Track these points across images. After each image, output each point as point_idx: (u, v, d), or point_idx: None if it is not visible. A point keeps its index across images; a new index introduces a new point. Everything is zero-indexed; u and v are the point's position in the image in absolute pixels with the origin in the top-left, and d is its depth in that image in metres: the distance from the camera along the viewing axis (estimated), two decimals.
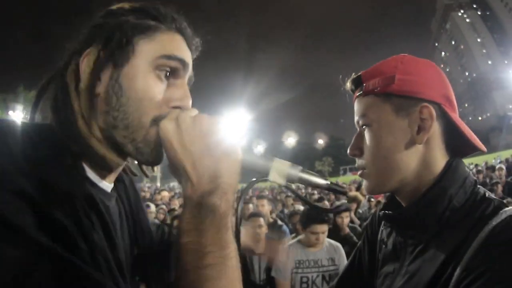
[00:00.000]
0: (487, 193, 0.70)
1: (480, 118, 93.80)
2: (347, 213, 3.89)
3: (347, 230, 3.78)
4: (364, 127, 0.76)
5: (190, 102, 0.64)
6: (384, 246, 0.84)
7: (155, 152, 0.61)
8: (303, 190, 11.32)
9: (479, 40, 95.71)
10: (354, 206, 5.25)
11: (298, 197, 0.67)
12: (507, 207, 0.65)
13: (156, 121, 0.59)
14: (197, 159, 0.54)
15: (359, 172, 0.78)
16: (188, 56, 0.66)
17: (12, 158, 0.47)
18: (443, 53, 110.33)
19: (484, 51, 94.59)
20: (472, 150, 0.75)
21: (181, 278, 0.50)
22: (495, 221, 0.61)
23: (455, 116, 0.73)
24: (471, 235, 0.62)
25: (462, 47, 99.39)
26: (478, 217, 0.64)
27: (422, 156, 0.72)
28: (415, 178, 0.72)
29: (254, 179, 0.63)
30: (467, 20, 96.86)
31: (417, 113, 0.71)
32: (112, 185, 0.67)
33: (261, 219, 3.35)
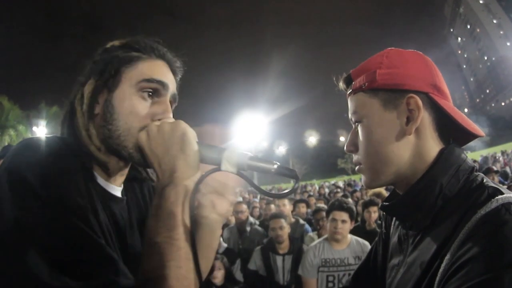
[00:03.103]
0: (485, 180, 0.68)
1: (503, 104, 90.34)
2: (375, 208, 3.82)
3: (374, 225, 3.72)
4: (356, 123, 0.78)
5: (171, 115, 0.78)
6: (392, 239, 0.86)
7: (142, 156, 0.74)
8: (326, 190, 11.36)
9: (495, 21, 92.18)
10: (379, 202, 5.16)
11: (250, 184, 0.71)
12: (502, 194, 0.63)
13: (141, 130, 0.73)
14: (160, 159, 0.68)
15: (356, 168, 0.80)
16: (168, 77, 0.80)
17: (41, 166, 0.62)
18: (459, 39, 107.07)
19: (501, 32, 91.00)
20: (472, 136, 0.74)
21: (142, 251, 0.63)
22: (484, 210, 0.60)
23: (446, 103, 0.72)
24: (461, 223, 0.62)
25: (478, 30, 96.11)
26: (470, 206, 0.63)
27: (414, 147, 0.72)
28: (409, 169, 0.72)
29: (211, 169, 0.70)
30: (481, 1, 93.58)
31: (404, 104, 0.71)
32: (121, 188, 0.83)
33: (282, 220, 3.35)
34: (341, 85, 0.83)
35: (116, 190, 0.81)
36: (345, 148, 0.82)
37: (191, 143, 0.68)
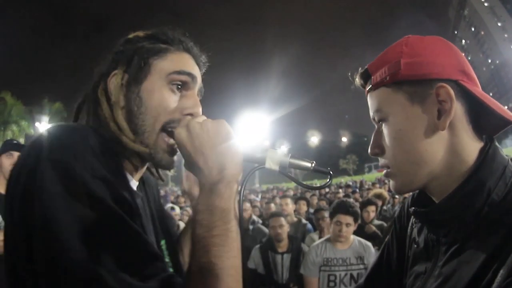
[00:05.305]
0: None
1: (506, 107, 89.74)
2: (373, 208, 3.85)
3: (373, 227, 3.72)
4: (380, 122, 0.71)
5: (200, 109, 0.77)
6: (415, 243, 0.78)
7: (166, 158, 0.75)
8: (327, 189, 11.48)
9: (499, 24, 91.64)
10: (379, 203, 5.18)
11: (290, 178, 0.79)
12: None
13: (167, 125, 0.73)
14: (206, 157, 0.66)
15: (383, 172, 0.73)
16: (196, 70, 0.79)
17: (88, 151, 0.62)
18: (463, 41, 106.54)
19: (506, 35, 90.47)
20: (504, 124, 0.67)
21: (195, 245, 0.63)
22: None
23: (478, 90, 0.65)
24: None
25: (482, 33, 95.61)
26: None
27: (448, 144, 0.65)
28: (444, 169, 0.65)
29: (255, 166, 0.74)
30: (485, 4, 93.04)
31: (433, 96, 0.64)
32: (137, 183, 0.82)
33: (282, 219, 3.35)
34: (358, 81, 0.76)
35: (135, 184, 0.81)
36: (369, 150, 0.75)
37: (237, 143, 0.69)
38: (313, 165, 0.73)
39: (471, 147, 0.65)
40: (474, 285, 0.56)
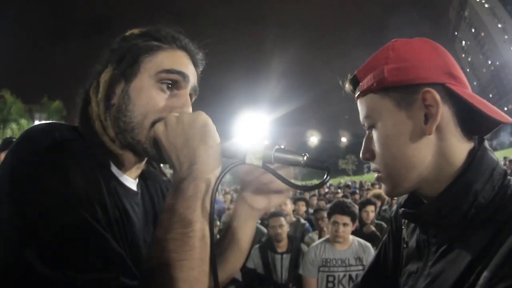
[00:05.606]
0: None
1: (505, 109, 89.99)
2: (372, 208, 3.85)
3: (372, 228, 3.72)
4: (370, 128, 0.72)
5: (190, 109, 0.75)
6: (407, 243, 0.79)
7: (157, 151, 0.71)
8: (326, 189, 11.41)
9: (500, 25, 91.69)
10: (379, 203, 5.18)
11: (277, 177, 0.67)
12: None
13: (154, 123, 0.70)
14: (179, 151, 0.64)
15: (375, 176, 0.74)
16: (189, 69, 0.76)
17: (65, 153, 0.62)
18: (463, 42, 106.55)
19: (506, 37, 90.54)
20: (494, 124, 0.66)
21: (151, 247, 0.59)
22: None
23: (465, 91, 0.64)
24: (499, 236, 0.55)
25: (482, 34, 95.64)
26: (508, 216, 0.58)
27: (436, 147, 0.65)
28: (433, 172, 0.66)
29: (233, 163, 0.66)
30: (486, 5, 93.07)
31: (419, 101, 0.64)
32: (136, 181, 0.80)
33: (282, 219, 3.35)
34: (348, 87, 0.77)
35: (131, 182, 0.78)
36: (360, 156, 0.75)
37: (213, 134, 0.65)
38: (304, 158, 0.64)
39: (460, 149, 0.65)
40: (459, 286, 0.57)
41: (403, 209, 0.72)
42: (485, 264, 0.54)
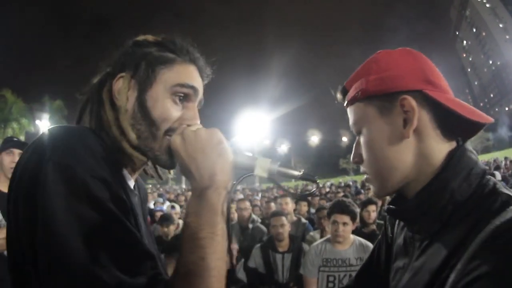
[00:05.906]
0: (497, 186, 0.65)
1: (507, 109, 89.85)
2: (373, 207, 3.84)
3: (373, 226, 3.73)
4: (358, 134, 0.78)
5: (198, 121, 0.81)
6: (396, 240, 0.84)
7: (170, 159, 0.77)
8: (328, 190, 11.49)
9: (501, 25, 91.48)
10: (380, 203, 5.18)
11: (278, 186, 0.86)
12: None
13: (167, 133, 0.76)
14: (199, 163, 0.70)
15: (364, 178, 0.80)
16: (199, 83, 0.82)
17: (88, 154, 0.65)
18: (464, 42, 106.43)
19: (507, 37, 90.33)
20: (478, 126, 0.69)
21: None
22: (499, 220, 0.57)
23: (443, 96, 0.69)
24: (473, 232, 0.58)
25: (484, 34, 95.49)
26: (482, 214, 0.60)
27: (416, 149, 0.70)
28: (415, 172, 0.70)
29: (245, 173, 0.79)
30: (487, 5, 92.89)
31: (398, 107, 0.69)
32: (134, 183, 0.86)
33: (283, 218, 3.35)
34: (339, 97, 0.84)
35: (132, 183, 0.84)
36: (351, 159, 0.82)
37: (228, 150, 0.73)
38: (300, 173, 0.78)
39: (439, 150, 0.70)
40: (436, 278, 0.61)
41: (388, 206, 0.78)
42: (458, 258, 0.58)
